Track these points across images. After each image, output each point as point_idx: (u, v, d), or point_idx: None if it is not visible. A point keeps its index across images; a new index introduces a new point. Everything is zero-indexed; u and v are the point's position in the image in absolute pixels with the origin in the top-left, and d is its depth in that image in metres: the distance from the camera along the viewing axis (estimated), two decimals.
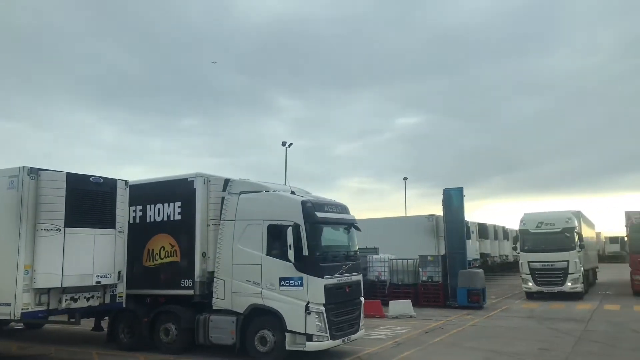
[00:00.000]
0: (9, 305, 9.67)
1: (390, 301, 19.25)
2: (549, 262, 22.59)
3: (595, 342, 13.13)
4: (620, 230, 29.12)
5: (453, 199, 21.65)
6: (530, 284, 23.05)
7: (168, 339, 12.24)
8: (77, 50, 75.23)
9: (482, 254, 33.75)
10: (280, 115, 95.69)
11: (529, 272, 23.11)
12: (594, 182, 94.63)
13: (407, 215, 57.80)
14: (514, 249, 26.80)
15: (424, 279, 21.45)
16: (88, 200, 10.69)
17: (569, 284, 22.32)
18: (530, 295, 23.34)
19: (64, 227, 10.16)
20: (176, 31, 79.23)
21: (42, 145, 78.75)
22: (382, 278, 22.18)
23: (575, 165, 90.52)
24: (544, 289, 22.70)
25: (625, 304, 20.84)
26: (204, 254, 12.13)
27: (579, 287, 22.45)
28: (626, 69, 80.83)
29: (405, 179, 67.05)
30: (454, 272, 20.73)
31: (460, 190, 21.74)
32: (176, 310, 12.20)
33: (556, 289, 22.41)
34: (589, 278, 27.41)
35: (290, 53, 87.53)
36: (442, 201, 21.92)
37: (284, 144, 49.43)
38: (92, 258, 10.65)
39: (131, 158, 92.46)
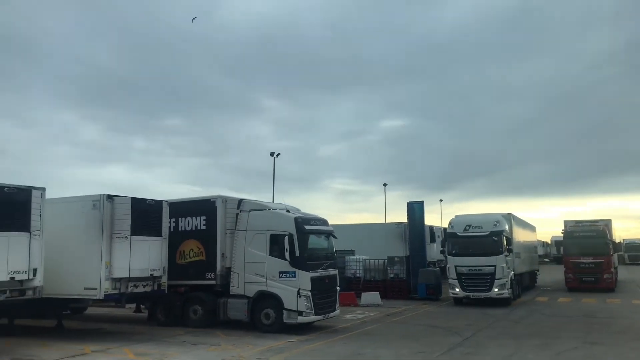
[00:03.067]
0: (95, 289, 14.07)
1: (362, 293, 23.88)
2: (476, 267, 21.95)
3: (508, 320, 17.91)
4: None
5: (415, 211, 26.44)
6: (457, 290, 22.48)
7: (196, 317, 16.70)
8: (62, 50, 78.29)
9: None
10: (264, 116, 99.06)
11: (455, 277, 22.51)
12: (574, 185, 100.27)
13: (388, 219, 62.94)
14: (442, 252, 24.63)
15: (391, 276, 26.14)
16: (145, 217, 15.15)
17: (496, 289, 21.69)
18: (459, 301, 22.86)
19: (130, 235, 14.61)
20: (161, 32, 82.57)
21: (25, 143, 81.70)
22: (357, 275, 26.80)
23: (555, 168, 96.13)
24: (471, 294, 22.16)
25: (554, 297, 25.71)
26: (223, 255, 16.63)
27: (506, 292, 21.84)
28: (604, 76, 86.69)
29: (385, 184, 71.82)
30: (415, 271, 25.44)
31: (421, 204, 26.55)
32: (202, 296, 16.69)
33: (482, 294, 21.83)
34: (524, 282, 27.69)
35: (275, 55, 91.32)
36: (407, 212, 26.69)
37: (272, 154, 53.75)
38: (148, 257, 15.12)
39: (114, 157, 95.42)
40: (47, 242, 13.38)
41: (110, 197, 14.53)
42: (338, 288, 17.08)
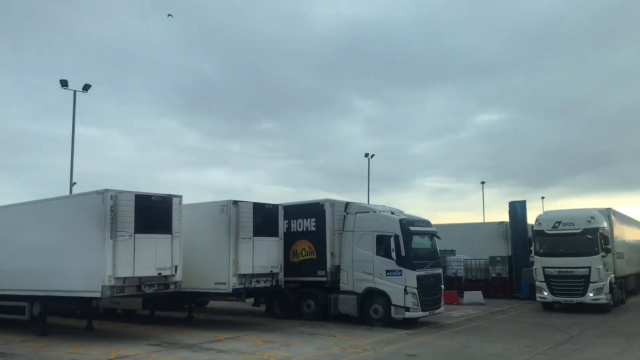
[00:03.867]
0: (225, 283, 15.98)
1: (465, 292, 24.33)
2: (567, 268, 19.64)
3: (617, 320, 17.75)
4: None
5: (517, 210, 26.39)
6: (546, 294, 20.16)
7: (309, 311, 18.20)
8: (162, 60, 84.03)
9: None
10: (353, 116, 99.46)
11: (543, 280, 20.23)
12: None
13: (485, 218, 61.75)
14: (529, 252, 22.35)
15: (494, 275, 26.32)
16: (264, 219, 16.88)
17: (591, 294, 19.18)
18: (548, 306, 20.75)
19: (253, 236, 16.37)
20: (253, 39, 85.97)
21: (132, 150, 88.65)
22: (459, 274, 27.21)
23: None
24: (561, 299, 19.91)
25: None
26: (332, 254, 17.98)
27: (604, 298, 19.29)
28: None
29: (482, 182, 70.36)
30: (518, 270, 25.43)
31: (523, 203, 26.43)
32: (314, 292, 18.16)
33: (575, 299, 19.54)
34: (630, 285, 24.87)
35: (364, 54, 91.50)
36: (509, 212, 26.70)
37: (366, 155, 54.81)
38: (268, 255, 16.84)
39: (212, 161, 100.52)
40: (184, 242, 15.39)
41: (235, 203, 16.37)
42: (443, 286, 17.84)
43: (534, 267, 21.21)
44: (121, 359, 11.98)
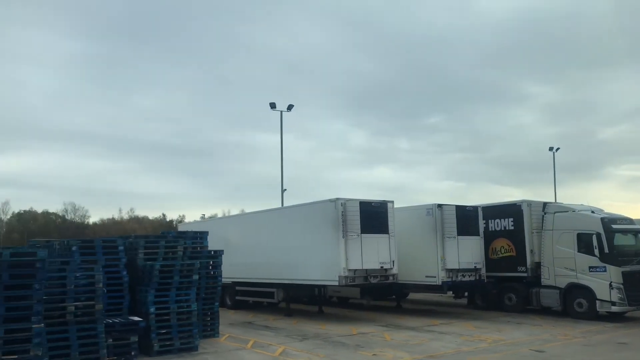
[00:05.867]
0: (434, 277, 18.29)
1: None
2: None
3: None
4: None
5: None
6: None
7: (511, 303, 19.64)
8: (328, 64, 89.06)
9: None
10: (528, 103, 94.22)
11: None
12: None
13: None
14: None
15: None
16: (465, 220, 18.80)
17: None
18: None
19: (457, 235, 18.43)
20: (417, 33, 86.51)
21: (306, 152, 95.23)
22: None
23: None
24: None
25: None
26: (532, 251, 19.19)
27: None
28: None
29: None
30: None
31: None
32: (516, 286, 19.56)
33: None
34: None
35: (539, 38, 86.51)
36: None
37: (550, 149, 53.20)
38: (471, 252, 18.75)
39: (380, 158, 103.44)
40: (397, 240, 18.01)
41: (439, 206, 18.58)
42: None
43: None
44: (362, 335, 14.92)
